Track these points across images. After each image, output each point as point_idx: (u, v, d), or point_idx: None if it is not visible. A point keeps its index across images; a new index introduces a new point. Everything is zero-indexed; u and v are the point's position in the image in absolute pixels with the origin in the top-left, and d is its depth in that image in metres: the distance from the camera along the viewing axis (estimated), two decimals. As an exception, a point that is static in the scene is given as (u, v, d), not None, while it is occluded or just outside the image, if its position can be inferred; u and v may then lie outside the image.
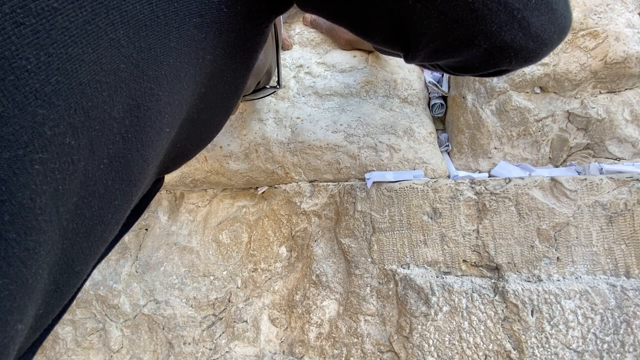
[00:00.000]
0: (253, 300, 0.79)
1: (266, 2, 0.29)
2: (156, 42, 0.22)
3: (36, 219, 0.16)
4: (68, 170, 0.18)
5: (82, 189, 0.19)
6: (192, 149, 0.36)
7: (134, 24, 0.20)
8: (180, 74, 0.25)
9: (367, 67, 0.76)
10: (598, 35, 0.62)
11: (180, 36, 0.23)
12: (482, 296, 0.61)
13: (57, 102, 0.16)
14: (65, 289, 0.21)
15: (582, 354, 0.56)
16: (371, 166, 0.70)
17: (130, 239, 0.88)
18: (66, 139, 0.17)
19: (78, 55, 0.17)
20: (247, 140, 0.73)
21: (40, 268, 0.17)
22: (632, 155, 0.65)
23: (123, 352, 0.83)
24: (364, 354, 0.68)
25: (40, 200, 0.16)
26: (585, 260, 0.58)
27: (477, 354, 0.60)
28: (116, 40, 0.19)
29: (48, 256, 0.18)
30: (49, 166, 0.16)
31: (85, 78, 0.17)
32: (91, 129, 0.18)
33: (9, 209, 0.15)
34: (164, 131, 0.26)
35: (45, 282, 0.19)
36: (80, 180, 0.19)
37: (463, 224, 0.64)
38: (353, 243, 0.70)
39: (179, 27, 0.23)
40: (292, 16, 0.81)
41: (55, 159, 0.17)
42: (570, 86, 0.65)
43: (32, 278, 0.17)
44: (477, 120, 0.71)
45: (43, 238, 0.17)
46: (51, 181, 0.17)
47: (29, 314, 0.18)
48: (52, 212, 0.17)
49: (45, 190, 0.16)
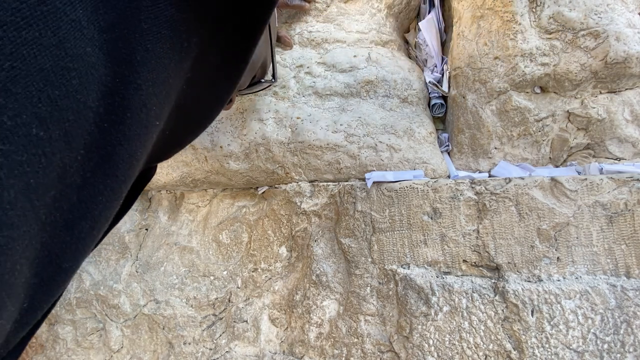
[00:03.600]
0: (253, 300, 0.79)
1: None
2: (120, 21, 0.20)
3: (6, 214, 0.15)
4: (40, 163, 0.17)
5: (60, 181, 0.18)
6: (182, 136, 0.35)
7: (91, 0, 0.18)
8: (164, 60, 0.23)
9: (368, 66, 0.76)
10: (598, 35, 0.62)
11: (155, 16, 0.21)
12: (482, 296, 0.61)
13: (14, 89, 0.15)
14: (52, 284, 0.21)
15: (582, 354, 0.56)
16: (371, 166, 0.70)
17: (130, 239, 0.88)
18: (32, 130, 0.16)
19: (34, 38, 0.15)
20: (248, 140, 0.73)
21: (17, 263, 0.17)
22: (632, 155, 0.64)
23: (123, 352, 0.83)
24: (364, 354, 0.68)
25: (8, 194, 0.15)
26: (586, 260, 0.58)
27: (477, 354, 0.60)
28: (77, 21, 0.17)
29: (26, 251, 0.17)
30: (14, 158, 0.15)
31: (47, 64, 0.16)
32: (63, 119, 0.17)
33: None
34: (153, 124, 0.24)
35: (27, 277, 0.18)
36: (57, 172, 0.18)
37: (463, 224, 0.64)
38: (353, 243, 0.70)
39: (151, 5, 0.21)
40: (292, 16, 0.81)
41: (21, 151, 0.16)
42: (570, 86, 0.65)
43: (8, 274, 0.16)
44: (477, 120, 0.71)
45: (16, 233, 0.16)
46: (19, 174, 0.16)
47: (9, 309, 0.17)
48: (25, 206, 0.16)
49: (12, 184, 0.15)
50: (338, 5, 0.81)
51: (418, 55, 0.85)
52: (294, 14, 0.81)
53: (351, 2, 0.82)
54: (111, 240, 0.88)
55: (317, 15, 0.81)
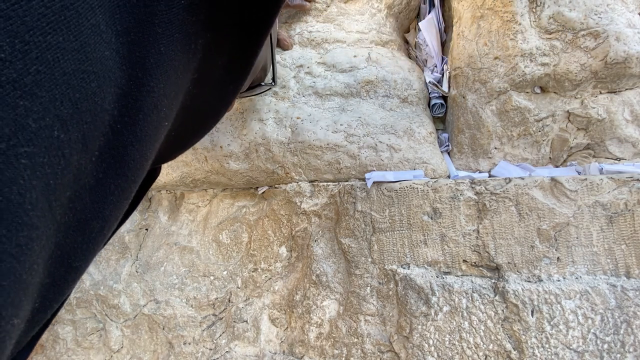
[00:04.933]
0: (253, 300, 0.79)
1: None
2: (135, 25, 0.20)
3: (27, 215, 0.16)
4: (59, 165, 0.17)
5: (75, 182, 0.19)
6: (187, 137, 0.35)
7: (109, 5, 0.18)
8: (175, 62, 0.23)
9: (368, 66, 0.76)
10: (598, 35, 0.62)
11: (169, 20, 0.22)
12: (482, 296, 0.61)
13: (39, 93, 0.15)
14: (63, 284, 0.21)
15: (582, 354, 0.56)
16: (371, 166, 0.70)
17: (130, 239, 0.88)
18: (54, 132, 0.16)
19: (58, 43, 0.16)
20: (248, 140, 0.73)
21: (34, 263, 0.17)
22: (632, 155, 0.64)
23: (123, 352, 0.83)
24: (364, 354, 0.68)
25: (30, 195, 0.16)
26: (586, 260, 0.58)
27: (477, 354, 0.60)
28: (96, 25, 0.18)
29: (42, 251, 0.17)
30: (37, 160, 0.16)
31: (69, 68, 0.16)
32: (82, 121, 0.18)
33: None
34: (163, 125, 0.25)
35: (41, 277, 0.18)
36: (74, 173, 0.18)
37: (463, 224, 0.64)
38: (353, 243, 0.70)
39: (166, 9, 0.21)
40: (292, 16, 0.81)
41: (44, 153, 0.16)
42: (570, 86, 0.65)
43: (27, 273, 0.16)
44: (477, 120, 0.71)
45: (36, 233, 0.16)
46: (41, 176, 0.16)
47: (25, 308, 0.18)
48: (44, 207, 0.17)
49: (35, 185, 0.16)
50: (338, 5, 0.81)
51: (418, 55, 0.85)
52: (294, 14, 0.81)
53: (351, 2, 0.82)
54: (111, 240, 0.88)
55: (317, 15, 0.81)
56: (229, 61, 0.30)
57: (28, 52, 0.15)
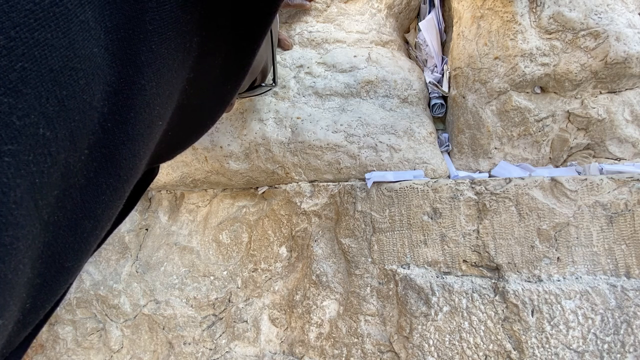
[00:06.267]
0: (253, 300, 0.79)
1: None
2: (125, 22, 0.20)
3: (11, 214, 0.15)
4: (45, 163, 0.17)
5: (64, 181, 0.19)
6: (185, 137, 0.35)
7: (98, 1, 0.18)
8: (168, 61, 0.23)
9: (368, 67, 0.76)
10: (598, 36, 0.62)
11: (160, 18, 0.21)
12: (483, 296, 0.61)
13: (24, 90, 0.15)
14: (54, 284, 0.21)
15: (582, 354, 0.56)
16: (371, 166, 0.70)
17: (130, 239, 0.88)
18: (39, 130, 0.16)
19: (46, 40, 0.15)
20: (248, 140, 0.73)
21: (20, 263, 0.17)
22: (632, 156, 0.64)
23: (123, 352, 0.83)
24: (364, 354, 0.68)
25: (14, 193, 0.15)
26: (586, 260, 0.58)
27: (477, 354, 0.60)
28: (86, 22, 0.17)
29: (29, 250, 0.17)
30: (21, 158, 0.15)
31: (56, 65, 0.16)
32: (69, 119, 0.17)
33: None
34: (156, 124, 0.24)
35: (29, 277, 0.18)
36: (61, 172, 0.18)
37: (463, 224, 0.64)
38: (353, 243, 0.70)
39: (157, 7, 0.21)
40: (292, 16, 0.81)
41: (29, 151, 0.16)
42: (570, 86, 0.65)
43: (12, 273, 0.16)
44: (478, 120, 0.71)
45: (21, 233, 0.16)
46: (25, 174, 0.16)
47: (12, 309, 0.17)
48: (29, 205, 0.16)
49: (19, 184, 0.16)
50: (338, 6, 0.81)
51: (418, 55, 0.85)
52: (294, 14, 0.81)
53: (351, 2, 0.82)
54: (111, 240, 0.88)
55: (317, 15, 0.81)
56: (225, 61, 0.30)
57: (14, 48, 0.14)
